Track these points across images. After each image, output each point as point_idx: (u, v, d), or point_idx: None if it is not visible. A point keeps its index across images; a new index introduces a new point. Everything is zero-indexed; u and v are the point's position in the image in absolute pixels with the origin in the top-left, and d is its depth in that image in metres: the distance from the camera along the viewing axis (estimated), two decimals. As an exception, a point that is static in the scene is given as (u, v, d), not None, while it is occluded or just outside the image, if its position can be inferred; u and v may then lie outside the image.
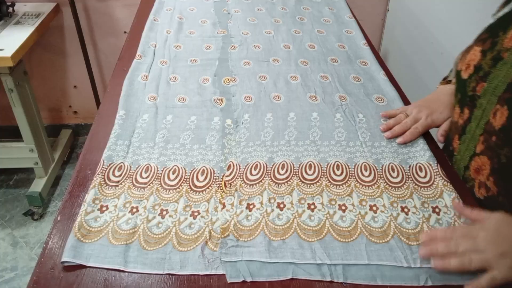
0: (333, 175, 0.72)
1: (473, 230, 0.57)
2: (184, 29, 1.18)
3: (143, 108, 0.87)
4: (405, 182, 0.71)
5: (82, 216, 0.64)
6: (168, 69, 1.00)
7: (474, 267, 0.54)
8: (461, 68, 0.72)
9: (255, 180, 0.71)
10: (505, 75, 0.61)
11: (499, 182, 0.61)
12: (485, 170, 0.65)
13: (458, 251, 0.56)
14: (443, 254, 0.56)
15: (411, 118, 0.81)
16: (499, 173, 0.61)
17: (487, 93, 0.63)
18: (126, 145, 0.78)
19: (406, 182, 0.71)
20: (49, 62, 1.97)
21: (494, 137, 0.62)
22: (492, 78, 0.63)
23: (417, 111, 0.82)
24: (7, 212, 1.80)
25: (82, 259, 0.58)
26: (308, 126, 0.84)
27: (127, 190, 0.69)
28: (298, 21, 1.24)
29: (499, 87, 0.62)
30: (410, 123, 0.80)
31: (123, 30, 1.91)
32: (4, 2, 1.62)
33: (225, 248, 0.60)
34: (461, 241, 0.56)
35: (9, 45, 1.47)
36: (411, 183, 0.71)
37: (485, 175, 0.65)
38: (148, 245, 0.61)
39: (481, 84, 0.65)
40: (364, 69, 1.03)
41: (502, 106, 0.60)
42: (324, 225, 0.64)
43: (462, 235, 0.57)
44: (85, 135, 2.17)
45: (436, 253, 0.57)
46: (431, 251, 0.57)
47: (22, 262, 1.60)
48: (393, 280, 0.57)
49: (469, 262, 0.54)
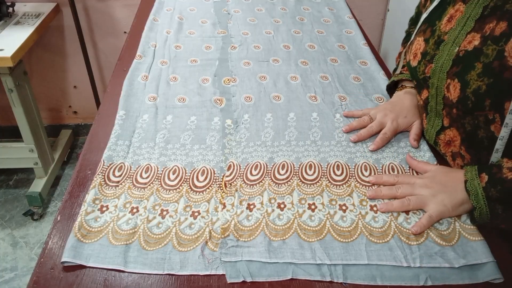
0: (333, 175, 0.72)
1: (412, 178, 0.69)
2: (184, 29, 1.18)
3: (143, 108, 0.87)
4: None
5: (82, 216, 0.64)
6: (168, 69, 1.00)
7: (412, 208, 0.65)
8: (409, 59, 0.79)
9: (256, 180, 0.71)
10: (448, 53, 0.69)
11: (470, 150, 0.68)
12: (456, 141, 0.71)
13: (398, 193, 0.67)
14: (387, 196, 0.67)
15: (377, 122, 0.80)
16: (467, 140, 0.68)
17: (435, 72, 0.71)
18: (126, 145, 0.78)
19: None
20: (49, 62, 1.97)
21: (454, 110, 0.68)
22: (437, 58, 0.71)
23: (382, 115, 0.81)
24: (7, 212, 1.80)
25: (82, 259, 0.58)
26: (308, 126, 0.84)
27: (127, 190, 0.69)
28: (298, 21, 1.24)
29: (445, 65, 0.69)
30: (376, 128, 0.80)
31: (123, 30, 1.91)
32: (4, 2, 1.62)
33: (225, 248, 0.60)
34: (401, 186, 0.68)
35: (9, 45, 1.47)
36: (411, 183, 0.71)
37: (457, 145, 0.71)
38: (148, 245, 0.61)
39: (429, 66, 0.72)
40: (364, 69, 1.03)
41: (453, 80, 0.67)
42: (325, 225, 0.64)
43: (403, 181, 0.69)
44: (85, 135, 2.18)
45: (380, 194, 0.67)
46: (376, 193, 0.68)
47: (22, 262, 1.60)
48: (392, 280, 0.57)
49: (408, 203, 0.65)
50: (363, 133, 0.80)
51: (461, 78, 0.65)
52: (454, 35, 0.69)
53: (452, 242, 0.61)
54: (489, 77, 0.61)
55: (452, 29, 0.69)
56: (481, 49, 0.63)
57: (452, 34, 0.69)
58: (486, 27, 0.64)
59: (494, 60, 0.60)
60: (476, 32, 0.65)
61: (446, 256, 0.59)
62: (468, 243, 0.61)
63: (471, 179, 0.62)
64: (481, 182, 0.61)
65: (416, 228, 0.62)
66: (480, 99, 0.62)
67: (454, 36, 0.69)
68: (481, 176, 0.62)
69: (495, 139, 0.63)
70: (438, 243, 0.61)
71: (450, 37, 0.69)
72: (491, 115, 0.62)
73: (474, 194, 0.61)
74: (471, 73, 0.63)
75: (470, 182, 0.62)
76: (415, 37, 0.79)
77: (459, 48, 0.67)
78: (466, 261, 0.59)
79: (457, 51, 0.67)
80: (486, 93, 0.61)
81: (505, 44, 0.59)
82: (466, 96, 0.64)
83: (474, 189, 0.61)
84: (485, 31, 0.64)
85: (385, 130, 0.79)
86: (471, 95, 0.63)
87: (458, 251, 0.60)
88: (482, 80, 0.62)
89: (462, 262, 0.59)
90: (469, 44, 0.66)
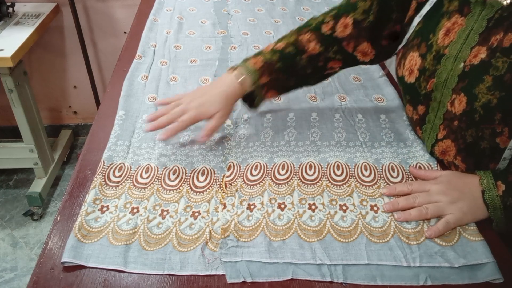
0: (333, 175, 0.72)
1: (427, 184, 0.67)
2: (184, 29, 1.18)
3: (143, 108, 0.87)
4: (405, 182, 0.71)
5: (82, 217, 0.64)
6: (168, 70, 1.00)
7: (431, 216, 0.64)
8: (403, 74, 0.76)
9: (256, 180, 0.71)
10: (453, 68, 0.66)
11: (468, 159, 0.68)
12: (451, 151, 0.71)
13: (415, 203, 0.65)
14: (403, 207, 0.65)
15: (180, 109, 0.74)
16: (466, 151, 0.68)
17: (438, 86, 0.68)
18: (126, 145, 0.78)
19: (406, 182, 0.71)
20: (49, 62, 1.97)
21: (456, 122, 0.67)
22: (439, 73, 0.68)
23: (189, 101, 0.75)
24: (7, 212, 1.80)
25: (82, 260, 0.58)
26: (308, 126, 0.84)
27: (128, 190, 0.69)
28: (298, 22, 1.24)
29: (450, 81, 0.66)
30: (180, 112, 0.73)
31: (123, 30, 1.91)
32: (4, 2, 1.62)
33: (225, 249, 0.60)
34: (417, 194, 0.66)
35: (9, 45, 1.47)
36: (411, 183, 0.71)
37: (452, 155, 0.71)
38: (148, 246, 0.61)
39: (431, 81, 0.70)
40: (364, 69, 1.03)
41: (458, 95, 0.65)
42: (325, 226, 0.64)
43: (418, 189, 0.67)
44: (85, 135, 2.18)
45: (398, 207, 0.65)
46: (393, 205, 0.66)
47: (22, 263, 1.60)
48: (392, 280, 0.57)
49: (426, 212, 0.63)
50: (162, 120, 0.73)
51: (467, 92, 0.63)
52: (456, 48, 0.66)
53: (452, 242, 0.61)
54: (501, 90, 0.59)
55: (453, 42, 0.66)
56: (489, 62, 0.61)
57: (454, 48, 0.66)
58: (492, 39, 0.61)
59: (506, 73, 0.59)
60: (481, 46, 0.63)
61: (446, 255, 0.60)
62: (468, 243, 0.61)
63: (488, 189, 0.62)
64: (498, 191, 0.61)
65: (430, 232, 0.62)
66: (490, 112, 0.61)
67: (456, 49, 0.66)
68: (498, 184, 0.62)
69: (500, 149, 0.63)
70: (438, 242, 0.61)
71: (452, 50, 0.66)
72: (499, 129, 0.61)
73: (492, 206, 0.61)
74: (479, 86, 0.61)
75: (488, 192, 0.62)
76: (408, 51, 0.75)
77: (464, 63, 0.64)
78: (466, 261, 0.59)
79: (463, 66, 0.64)
80: (497, 107, 0.60)
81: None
82: (473, 110, 0.63)
83: (492, 200, 0.61)
84: (491, 43, 0.61)
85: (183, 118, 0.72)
86: (480, 108, 0.62)
87: (458, 251, 0.60)
88: (493, 93, 0.60)
89: (462, 262, 0.59)
90: (474, 58, 0.63)
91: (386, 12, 0.74)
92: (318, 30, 0.78)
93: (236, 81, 0.75)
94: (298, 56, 0.77)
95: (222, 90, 0.75)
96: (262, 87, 0.77)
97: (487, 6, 0.63)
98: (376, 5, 0.74)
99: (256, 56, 0.78)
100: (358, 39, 0.77)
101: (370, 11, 0.74)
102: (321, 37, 0.77)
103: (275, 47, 0.78)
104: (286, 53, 0.77)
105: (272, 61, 0.76)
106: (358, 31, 0.76)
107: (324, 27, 0.77)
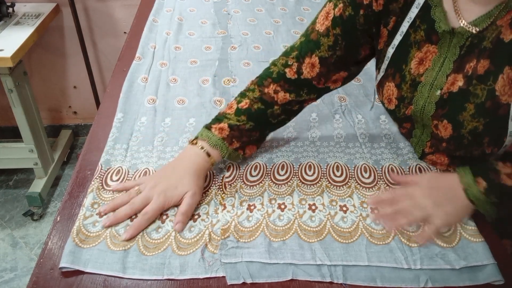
0: (333, 176, 0.72)
1: (409, 190, 0.65)
2: (184, 30, 1.18)
3: (142, 110, 0.87)
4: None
5: (80, 221, 0.63)
6: (167, 71, 1.00)
7: (419, 221, 0.63)
8: (383, 100, 0.75)
9: (255, 181, 0.71)
10: (429, 96, 0.66)
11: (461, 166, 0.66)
12: (442, 163, 0.72)
13: (402, 210, 0.63)
14: (391, 215, 0.63)
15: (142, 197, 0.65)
16: (458, 163, 0.69)
17: (416, 113, 0.69)
18: (124, 148, 0.77)
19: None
20: (49, 63, 1.97)
21: (444, 144, 0.67)
22: (416, 100, 0.68)
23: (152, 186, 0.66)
24: (7, 212, 1.80)
25: (80, 265, 0.58)
26: (307, 126, 0.84)
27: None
28: (298, 22, 1.24)
29: (427, 108, 0.67)
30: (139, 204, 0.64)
31: (123, 31, 1.91)
32: (4, 3, 1.62)
33: (225, 250, 0.60)
34: (402, 201, 0.64)
35: (9, 45, 1.46)
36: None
37: (445, 164, 0.72)
38: (147, 250, 0.60)
39: (409, 108, 0.70)
40: (364, 69, 1.02)
41: (441, 122, 0.65)
42: (325, 226, 0.64)
43: (402, 195, 0.64)
44: (85, 135, 2.17)
45: (385, 215, 0.64)
46: (381, 214, 0.65)
47: (21, 263, 1.60)
48: (393, 281, 0.57)
49: (414, 218, 0.62)
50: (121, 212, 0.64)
51: (451, 119, 0.64)
52: (432, 76, 0.65)
53: (453, 244, 0.61)
54: (485, 117, 0.60)
55: (429, 70, 0.66)
56: (467, 90, 0.61)
57: (430, 75, 0.66)
58: (466, 66, 0.61)
59: (487, 100, 0.59)
60: (457, 73, 0.63)
61: (447, 257, 0.59)
62: (469, 245, 0.61)
63: (469, 186, 0.61)
64: (479, 187, 0.60)
65: (419, 239, 0.61)
66: (479, 137, 0.62)
67: (432, 77, 0.65)
68: (478, 180, 0.60)
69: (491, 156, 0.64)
70: (439, 244, 0.61)
71: (428, 78, 0.66)
72: (489, 150, 0.62)
73: (477, 200, 0.60)
74: (463, 114, 0.62)
75: (469, 190, 0.61)
76: (384, 81, 0.73)
77: (441, 91, 0.64)
78: (467, 262, 0.59)
79: (440, 94, 0.64)
80: (484, 133, 0.61)
81: (494, 83, 0.58)
82: (461, 136, 0.63)
83: (476, 197, 0.60)
84: (466, 71, 0.61)
85: (146, 209, 0.64)
86: (468, 134, 0.62)
87: (459, 253, 0.60)
88: (478, 120, 0.61)
89: (463, 263, 0.59)
90: (452, 86, 0.63)
91: (354, 44, 0.71)
92: (282, 78, 0.74)
93: (202, 155, 0.69)
94: (269, 109, 0.74)
95: (188, 167, 0.68)
96: (236, 151, 0.73)
97: (456, 34, 0.62)
98: (342, 40, 0.69)
99: (219, 121, 0.72)
100: (328, 75, 0.73)
101: (336, 46, 0.70)
102: (288, 83, 0.74)
103: (239, 106, 0.73)
104: (254, 111, 0.73)
105: (239, 123, 0.72)
106: (327, 67, 0.72)
107: (289, 72, 0.73)
